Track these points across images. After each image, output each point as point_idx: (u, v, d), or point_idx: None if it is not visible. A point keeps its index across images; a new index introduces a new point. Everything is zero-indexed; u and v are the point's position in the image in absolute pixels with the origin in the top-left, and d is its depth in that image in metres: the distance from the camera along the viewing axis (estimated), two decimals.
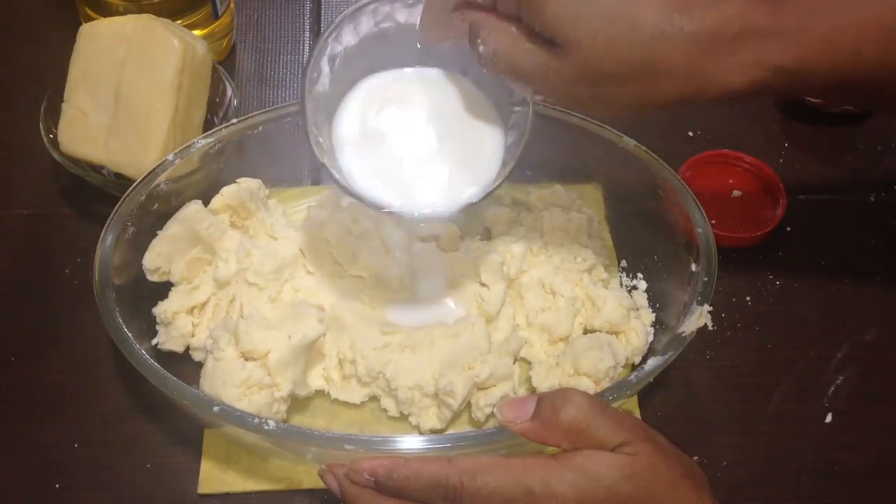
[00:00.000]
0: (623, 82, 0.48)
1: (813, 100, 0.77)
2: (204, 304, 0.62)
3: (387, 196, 0.54)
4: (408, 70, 0.58)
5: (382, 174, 0.55)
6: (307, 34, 0.85)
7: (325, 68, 0.55)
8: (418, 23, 0.55)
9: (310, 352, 0.57)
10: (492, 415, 0.58)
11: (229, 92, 0.71)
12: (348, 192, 0.54)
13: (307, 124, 0.54)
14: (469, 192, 0.56)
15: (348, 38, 0.56)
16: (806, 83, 0.48)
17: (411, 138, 0.57)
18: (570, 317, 0.62)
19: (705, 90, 0.48)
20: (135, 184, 0.62)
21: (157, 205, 0.63)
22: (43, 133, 0.67)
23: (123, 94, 0.65)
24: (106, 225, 0.60)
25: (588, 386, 0.58)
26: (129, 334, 0.55)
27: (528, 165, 0.71)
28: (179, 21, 0.73)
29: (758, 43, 0.47)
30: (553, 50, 0.48)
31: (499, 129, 0.57)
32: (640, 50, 0.47)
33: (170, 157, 0.64)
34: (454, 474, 0.45)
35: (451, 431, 0.59)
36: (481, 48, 0.50)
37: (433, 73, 0.58)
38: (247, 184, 0.65)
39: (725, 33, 0.47)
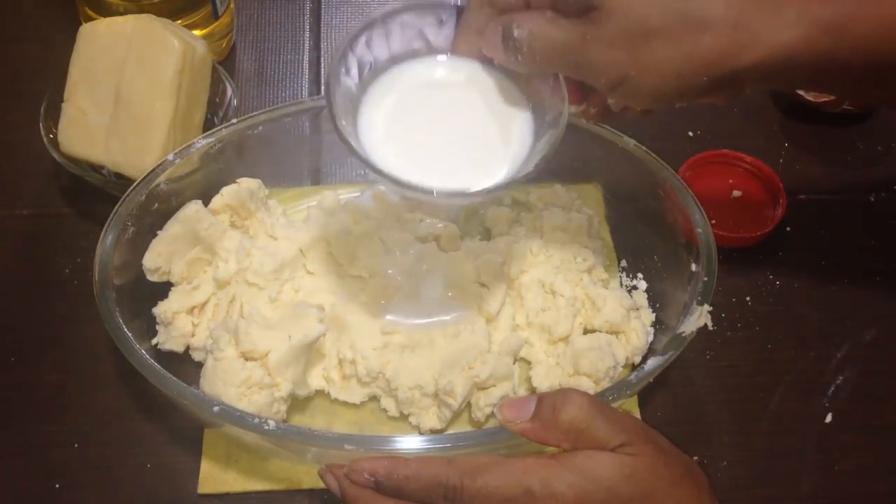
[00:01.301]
0: (663, 37, 0.46)
1: (813, 99, 0.77)
2: (204, 304, 0.62)
3: (416, 177, 0.51)
4: (440, 58, 0.56)
5: (411, 157, 0.53)
6: (307, 34, 0.85)
7: (354, 69, 0.54)
8: (452, 45, 0.55)
9: (310, 352, 0.57)
10: (492, 415, 0.58)
11: (229, 92, 0.71)
12: (379, 172, 0.50)
13: (332, 105, 0.51)
14: (498, 175, 0.53)
15: (379, 48, 0.55)
16: (850, 47, 0.46)
17: (440, 123, 0.55)
18: (570, 317, 0.62)
19: (750, 46, 0.46)
20: (135, 184, 0.62)
21: (157, 205, 0.63)
22: (43, 133, 0.67)
23: (123, 94, 0.65)
24: (106, 225, 0.60)
25: (588, 386, 0.58)
26: (129, 334, 0.55)
27: None
28: (179, 21, 0.73)
29: None
30: (588, 17, 0.47)
31: (529, 120, 0.55)
32: None
33: (170, 157, 0.64)
34: (454, 474, 0.45)
35: (451, 431, 0.59)
36: (516, 33, 0.49)
37: (465, 63, 0.55)
38: (247, 184, 0.65)
39: None
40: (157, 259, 0.61)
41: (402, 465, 0.47)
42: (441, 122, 0.55)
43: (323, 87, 0.52)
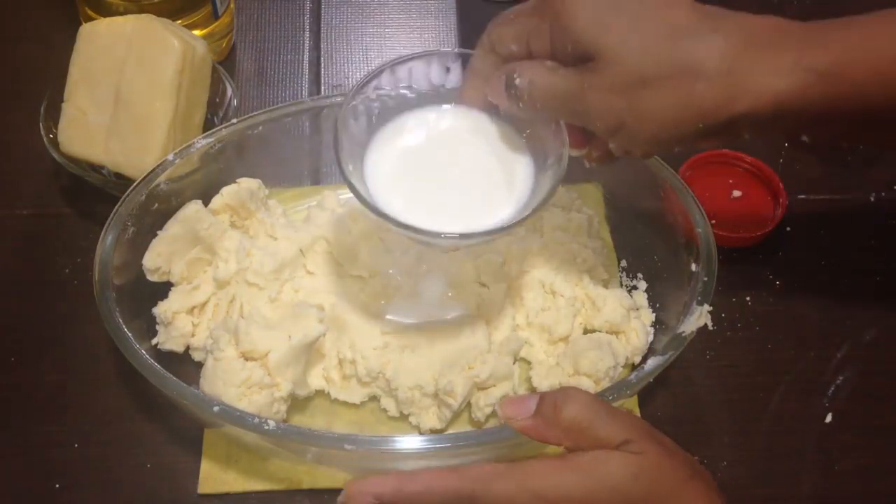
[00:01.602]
0: (658, 85, 0.47)
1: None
2: (204, 304, 0.62)
3: (422, 221, 0.52)
4: (445, 106, 0.58)
5: (417, 201, 0.55)
6: (307, 34, 0.85)
7: (362, 116, 0.56)
8: (459, 91, 0.56)
9: (310, 352, 0.57)
10: (492, 414, 0.58)
11: (229, 92, 0.71)
12: (385, 217, 0.52)
13: (340, 150, 0.53)
14: (501, 216, 0.55)
15: (387, 95, 0.57)
16: (844, 93, 0.46)
17: (446, 170, 0.57)
18: (570, 317, 0.62)
19: (743, 94, 0.46)
20: (135, 184, 0.62)
21: (157, 205, 0.63)
22: (43, 133, 0.67)
23: (123, 94, 0.65)
24: (106, 225, 0.60)
25: (588, 386, 0.58)
26: (129, 334, 0.55)
27: None
28: (179, 21, 0.73)
29: (795, 46, 0.46)
30: (587, 66, 0.48)
31: (530, 164, 0.57)
32: (673, 48, 0.47)
33: (170, 157, 0.64)
34: (467, 485, 0.45)
35: (451, 431, 0.59)
36: (517, 81, 0.51)
37: (470, 112, 0.57)
38: (247, 184, 0.65)
39: (760, 36, 0.47)
40: (157, 259, 0.61)
41: (409, 480, 0.46)
42: (446, 169, 0.57)
43: (334, 134, 0.54)
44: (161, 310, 0.61)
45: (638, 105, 0.48)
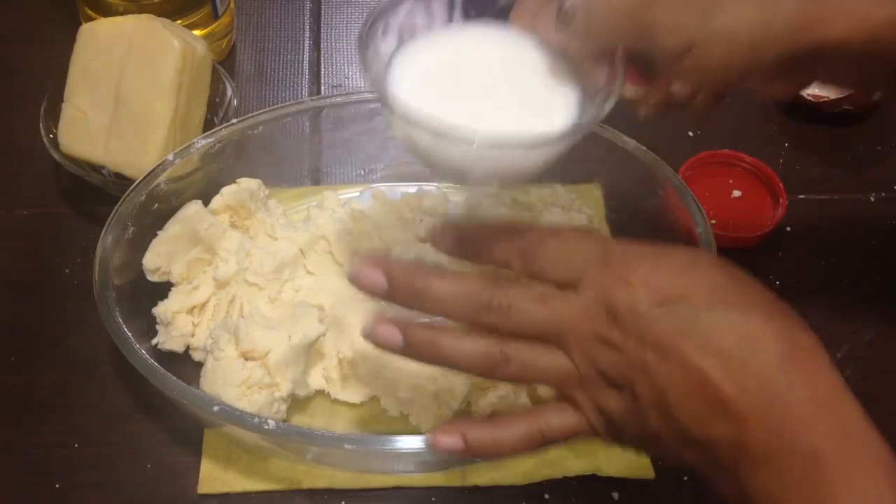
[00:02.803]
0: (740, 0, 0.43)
1: (813, 99, 0.77)
2: (204, 304, 0.62)
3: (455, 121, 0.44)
4: (488, 26, 0.51)
5: (447, 109, 0.46)
6: (307, 34, 0.85)
7: (392, 33, 0.49)
8: (512, 12, 0.50)
9: (310, 352, 0.57)
10: (492, 414, 0.58)
11: (229, 92, 0.71)
12: (411, 119, 0.44)
13: (365, 50, 0.47)
14: (549, 124, 0.47)
15: (422, 18, 0.50)
16: None
17: (482, 81, 0.49)
18: None
19: (836, 18, 0.42)
20: (135, 184, 0.62)
21: (157, 205, 0.63)
22: (43, 133, 0.67)
23: (123, 94, 0.65)
24: (106, 225, 0.60)
25: None
26: (129, 334, 0.55)
27: None
28: (179, 21, 0.73)
29: None
30: None
31: (575, 99, 0.49)
32: None
33: (170, 157, 0.64)
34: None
35: None
36: (567, 4, 0.45)
37: (517, 36, 0.50)
38: (247, 184, 0.65)
39: None
40: (157, 259, 0.61)
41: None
42: (482, 89, 0.49)
43: (358, 37, 0.48)
44: (161, 310, 0.61)
45: (713, 22, 0.43)
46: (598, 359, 0.41)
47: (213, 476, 0.58)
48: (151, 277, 0.62)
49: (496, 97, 0.48)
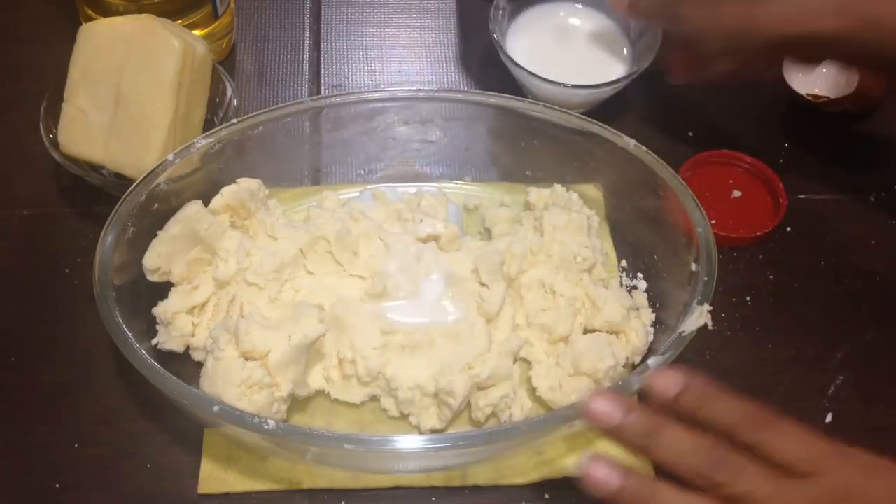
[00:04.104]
0: None
1: (813, 100, 0.77)
2: (204, 304, 0.62)
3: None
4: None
5: (548, 63, 0.74)
6: (307, 34, 0.85)
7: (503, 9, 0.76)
8: None
9: (310, 352, 0.57)
10: (492, 414, 0.58)
11: (229, 92, 0.71)
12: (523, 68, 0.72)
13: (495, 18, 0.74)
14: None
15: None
16: None
17: (567, 51, 0.77)
18: (570, 317, 0.62)
19: None
20: (135, 184, 0.62)
21: (157, 205, 0.63)
22: (43, 133, 0.67)
23: (123, 94, 0.65)
24: (106, 225, 0.60)
25: (588, 386, 0.58)
26: (129, 334, 0.55)
27: (528, 165, 0.71)
28: (179, 21, 0.73)
29: None
30: None
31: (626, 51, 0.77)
32: None
33: (170, 157, 0.64)
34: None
35: (451, 431, 0.59)
36: None
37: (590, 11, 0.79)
38: (247, 184, 0.65)
39: None
40: (157, 259, 0.61)
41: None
42: (567, 50, 0.78)
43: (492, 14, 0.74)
44: (161, 310, 0.61)
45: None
46: None
47: (213, 476, 0.58)
48: (151, 277, 0.62)
49: (575, 56, 0.77)
